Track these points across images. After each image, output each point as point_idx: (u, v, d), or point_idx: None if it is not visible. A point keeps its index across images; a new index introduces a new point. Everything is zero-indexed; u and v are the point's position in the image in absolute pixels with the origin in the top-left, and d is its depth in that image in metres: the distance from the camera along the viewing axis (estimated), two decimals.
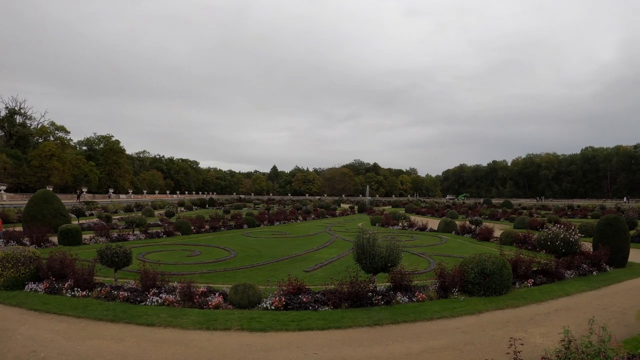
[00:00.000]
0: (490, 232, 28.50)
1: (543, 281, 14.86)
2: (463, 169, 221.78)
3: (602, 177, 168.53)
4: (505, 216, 50.73)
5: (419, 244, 25.85)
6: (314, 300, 11.55)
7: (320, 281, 14.15)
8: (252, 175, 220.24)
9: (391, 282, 12.93)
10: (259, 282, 13.46)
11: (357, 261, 13.20)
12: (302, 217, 47.39)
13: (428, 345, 8.89)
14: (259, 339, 9.02)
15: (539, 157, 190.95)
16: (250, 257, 20.34)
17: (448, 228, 33.54)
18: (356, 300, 11.59)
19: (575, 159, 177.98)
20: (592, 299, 13.09)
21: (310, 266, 17.97)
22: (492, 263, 13.03)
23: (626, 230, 19.00)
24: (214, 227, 32.80)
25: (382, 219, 41.90)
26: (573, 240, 17.21)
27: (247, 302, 11.30)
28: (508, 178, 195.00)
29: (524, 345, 7.69)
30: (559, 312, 11.52)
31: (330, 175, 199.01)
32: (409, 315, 10.88)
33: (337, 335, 9.42)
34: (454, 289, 12.95)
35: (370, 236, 13.19)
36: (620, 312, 11.46)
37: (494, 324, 10.48)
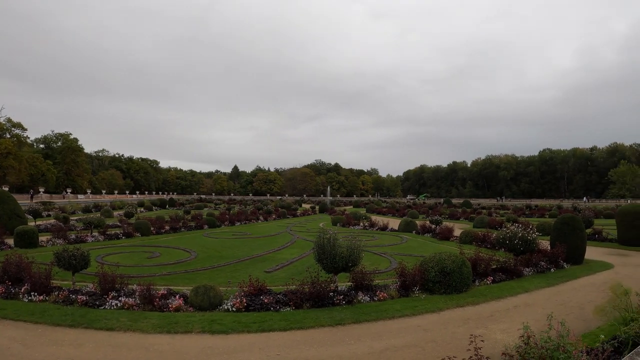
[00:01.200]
0: (450, 231, 28.97)
1: (502, 279, 15.17)
2: (424, 170, 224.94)
3: (559, 178, 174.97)
4: (465, 216, 51.68)
5: (380, 244, 26.01)
6: (275, 301, 11.45)
7: (281, 282, 14.10)
8: (213, 175, 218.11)
9: (352, 282, 12.95)
10: (220, 284, 13.21)
11: (318, 261, 13.19)
12: (264, 218, 47.12)
13: (390, 344, 8.92)
14: (220, 342, 8.86)
15: (498, 158, 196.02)
16: (211, 258, 20.07)
17: (409, 228, 33.85)
18: (318, 301, 11.56)
19: (533, 161, 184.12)
20: (550, 295, 13.44)
21: (272, 267, 17.84)
22: (452, 262, 13.23)
23: (582, 228, 19.63)
24: (174, 228, 32.20)
25: (343, 219, 42.05)
26: (531, 238, 17.74)
27: (208, 304, 11.11)
28: (468, 179, 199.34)
29: (485, 342, 7.80)
30: (519, 309, 11.77)
31: (291, 175, 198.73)
32: (371, 314, 10.92)
33: (299, 335, 9.36)
34: (415, 288, 13.06)
35: (331, 236, 13.22)
36: (578, 308, 11.81)
37: (455, 321, 10.61)
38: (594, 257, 20.42)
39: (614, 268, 18.24)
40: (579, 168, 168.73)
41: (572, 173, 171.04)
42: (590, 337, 8.28)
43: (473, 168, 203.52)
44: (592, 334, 8.55)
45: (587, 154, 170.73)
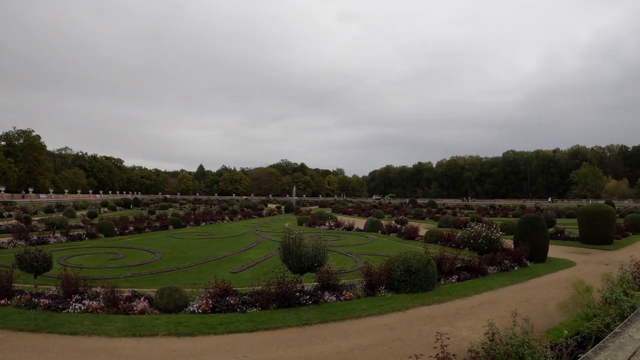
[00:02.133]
0: (416, 231, 29.30)
1: (467, 277, 15.43)
2: (389, 170, 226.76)
3: (522, 179, 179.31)
4: (430, 215, 52.36)
5: (345, 244, 26.13)
6: (241, 302, 11.37)
7: (247, 282, 13.97)
8: (179, 174, 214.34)
9: (318, 282, 12.97)
10: (186, 285, 13.02)
11: (283, 261, 13.18)
12: (229, 218, 46.98)
13: (357, 343, 8.95)
14: (187, 344, 8.75)
15: (462, 159, 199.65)
16: (176, 259, 19.84)
17: (374, 227, 34.11)
18: (284, 301, 11.53)
19: (497, 162, 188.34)
20: (514, 293, 13.72)
21: (237, 267, 17.71)
22: (417, 261, 13.38)
23: (545, 228, 20.17)
24: (138, 229, 31.74)
25: (308, 219, 42.20)
26: (495, 237, 18.10)
27: (173, 306, 10.94)
28: (433, 179, 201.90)
29: (451, 339, 7.85)
30: (483, 306, 11.97)
31: (257, 175, 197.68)
32: (338, 314, 10.95)
33: (266, 336, 9.30)
34: (381, 287, 13.15)
35: (296, 236, 13.26)
36: (542, 304, 12.08)
37: (421, 319, 10.72)
38: (557, 255, 20.96)
39: (576, 266, 18.77)
40: (542, 169, 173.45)
41: (535, 174, 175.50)
42: (554, 332, 8.43)
43: (438, 169, 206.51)
44: (556, 330, 8.71)
45: (549, 156, 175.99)
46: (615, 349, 5.74)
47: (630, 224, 33.20)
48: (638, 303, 8.14)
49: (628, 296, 8.64)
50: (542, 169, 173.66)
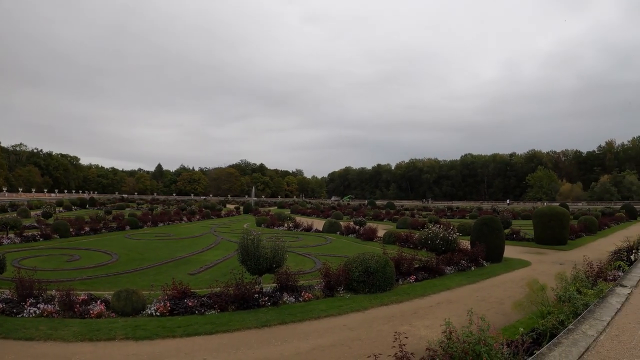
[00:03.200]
0: (374, 232, 29.54)
1: (425, 277, 15.65)
2: (349, 172, 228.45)
3: (480, 181, 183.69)
4: (388, 217, 52.98)
5: (304, 245, 26.14)
6: (200, 304, 11.22)
7: (205, 284, 13.83)
8: (136, 173, 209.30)
9: (277, 283, 12.92)
10: (143, 287, 12.72)
11: (242, 263, 13.13)
12: (187, 218, 46.58)
13: (317, 344, 8.96)
14: (145, 348, 8.56)
15: (421, 162, 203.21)
16: (133, 260, 19.44)
17: (333, 229, 34.21)
18: (243, 303, 11.43)
19: (455, 165, 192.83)
20: (471, 292, 14.01)
21: (196, 269, 17.48)
22: (375, 262, 13.51)
23: (501, 229, 20.65)
24: (94, 229, 30.90)
25: (267, 220, 42.14)
26: (452, 238, 18.55)
27: (131, 309, 10.70)
28: (392, 181, 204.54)
29: (410, 338, 7.91)
30: (441, 305, 12.16)
31: (216, 175, 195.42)
32: (297, 315, 10.93)
33: (225, 339, 9.20)
34: (340, 288, 13.19)
35: (254, 237, 13.20)
36: (498, 303, 12.37)
37: (379, 319, 10.80)
38: (513, 255, 21.53)
39: (531, 265, 19.33)
40: (499, 172, 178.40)
41: (492, 177, 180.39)
42: (511, 330, 8.64)
43: (397, 171, 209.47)
44: (512, 327, 8.94)
45: (506, 160, 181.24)
46: (569, 344, 5.92)
47: (584, 225, 34.49)
48: (591, 301, 8.41)
49: (581, 294, 8.95)
50: (499, 172, 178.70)
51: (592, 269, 11.96)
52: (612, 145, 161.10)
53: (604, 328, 6.79)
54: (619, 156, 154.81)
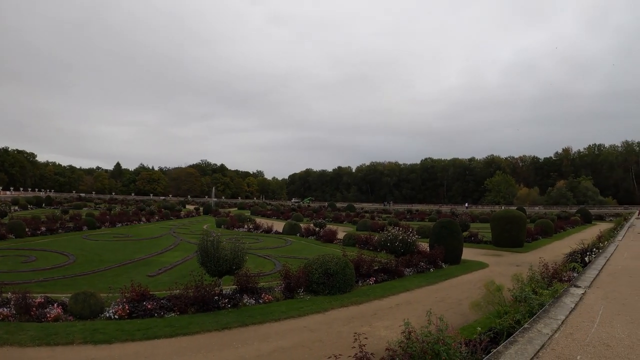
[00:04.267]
0: (334, 234, 29.81)
1: (384, 279, 15.91)
2: (309, 174, 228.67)
3: (439, 185, 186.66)
4: (348, 219, 53.50)
5: (264, 246, 26.14)
6: (159, 307, 11.07)
7: (165, 286, 13.69)
8: (94, 172, 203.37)
9: (237, 285, 12.87)
10: (101, 290, 12.46)
11: (201, 264, 13.07)
12: (146, 219, 46.10)
13: (278, 345, 8.98)
14: (104, 352, 8.39)
15: (382, 165, 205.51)
16: (90, 262, 18.99)
17: (293, 230, 34.32)
18: (203, 305, 11.37)
19: (415, 168, 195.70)
20: (430, 293, 14.29)
21: (155, 271, 17.25)
22: (335, 263, 13.65)
23: (459, 231, 21.12)
24: (51, 229, 30.15)
25: (227, 221, 42.06)
26: (411, 241, 18.88)
27: (89, 312, 10.47)
28: (352, 183, 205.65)
29: (370, 339, 8.01)
30: (401, 306, 12.35)
31: (176, 175, 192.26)
32: (257, 317, 10.93)
33: (185, 342, 9.11)
34: (300, 289, 13.26)
35: (214, 239, 13.15)
36: (456, 303, 12.65)
37: (340, 320, 10.90)
38: (471, 257, 22.05)
39: (488, 267, 19.85)
40: (458, 176, 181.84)
41: (451, 181, 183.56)
42: (469, 330, 8.85)
43: (358, 173, 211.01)
44: (470, 327, 9.16)
45: (465, 164, 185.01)
46: (524, 343, 6.09)
47: (540, 228, 35.64)
48: (546, 301, 8.66)
49: (537, 294, 9.20)
50: (458, 176, 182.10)
51: (547, 270, 12.30)
52: (568, 152, 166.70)
53: (558, 326, 7.00)
54: (575, 163, 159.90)
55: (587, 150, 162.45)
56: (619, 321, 7.51)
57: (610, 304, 8.72)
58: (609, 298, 9.29)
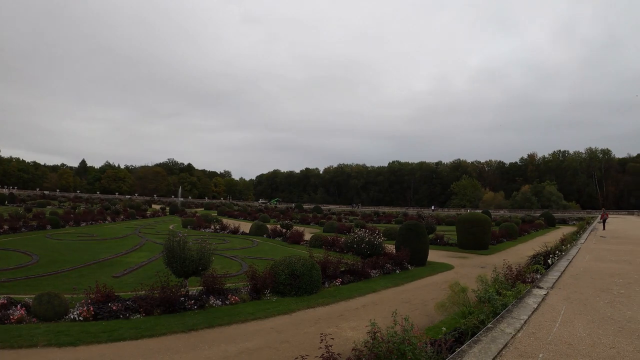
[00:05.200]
0: (301, 235, 29.93)
1: (351, 280, 16.05)
2: (277, 175, 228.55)
3: (406, 188, 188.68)
4: (315, 221, 53.62)
5: (231, 247, 26.05)
6: (124, 308, 10.94)
7: (130, 287, 13.44)
8: (59, 169, 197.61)
9: (204, 286, 12.79)
10: (65, 291, 12.26)
11: (167, 265, 12.99)
12: (111, 218, 45.53)
13: (245, 347, 8.97)
14: (69, 354, 8.24)
15: (349, 167, 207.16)
16: (54, 262, 18.56)
17: (260, 231, 34.32)
18: (169, 306, 11.28)
19: (383, 171, 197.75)
20: (396, 294, 14.46)
21: (120, 271, 16.99)
22: (301, 265, 13.71)
23: (425, 234, 21.40)
24: (13, 228, 29.46)
25: (194, 222, 41.85)
26: (377, 242, 19.12)
27: (53, 313, 10.26)
28: (320, 185, 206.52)
29: (336, 339, 8.10)
30: (367, 307, 12.46)
31: (142, 173, 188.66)
32: (224, 318, 10.90)
33: (151, 344, 9.02)
34: (266, 291, 13.28)
35: (180, 239, 13.12)
36: (422, 305, 12.83)
37: (306, 321, 10.95)
38: (437, 259, 22.39)
39: (454, 269, 20.14)
40: (425, 180, 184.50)
41: (418, 184, 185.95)
42: (434, 330, 8.99)
43: (325, 175, 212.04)
44: (436, 327, 9.30)
45: (432, 168, 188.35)
46: (487, 342, 6.22)
47: (505, 231, 36.33)
48: (509, 301, 8.85)
49: (501, 295, 9.41)
50: (425, 179, 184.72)
51: (511, 272, 12.55)
52: (533, 158, 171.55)
53: (521, 326, 7.16)
54: (540, 168, 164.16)
55: (552, 156, 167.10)
56: (581, 321, 7.72)
57: (572, 305, 8.94)
58: (570, 299, 9.53)
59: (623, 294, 10.17)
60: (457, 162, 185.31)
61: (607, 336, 6.81)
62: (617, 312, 8.37)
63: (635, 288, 10.96)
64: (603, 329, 7.20)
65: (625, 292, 10.39)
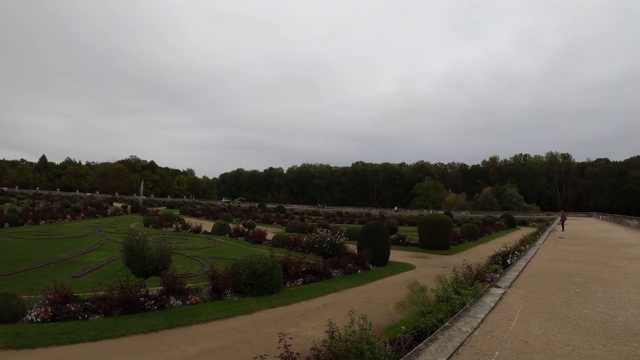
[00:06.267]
0: (263, 235, 29.93)
1: (312, 280, 16.14)
2: (240, 174, 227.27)
3: (369, 188, 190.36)
4: (278, 220, 53.71)
5: (192, 247, 25.86)
6: (83, 309, 10.74)
7: (89, 287, 13.16)
8: (18, 164, 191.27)
9: (164, 286, 12.69)
10: (22, 291, 11.91)
11: (127, 264, 12.85)
12: (71, 216, 44.69)
13: (205, 347, 8.94)
14: (26, 357, 8.06)
15: (313, 167, 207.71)
16: (11, 261, 18.06)
17: (222, 231, 34.18)
18: (128, 307, 11.14)
19: (346, 172, 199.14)
20: (358, 294, 14.60)
21: (79, 271, 16.62)
22: (262, 264, 13.71)
23: (386, 234, 21.67)
24: None
25: (155, 220, 41.45)
26: (339, 242, 19.26)
27: (9, 314, 9.98)
28: (283, 185, 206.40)
29: (297, 339, 8.19)
30: (328, 307, 12.55)
31: (104, 170, 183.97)
32: (184, 318, 10.83)
33: (111, 345, 8.89)
34: (227, 291, 13.20)
35: (140, 238, 12.98)
36: (383, 304, 12.98)
37: (267, 321, 10.96)
38: (399, 259, 22.66)
39: (415, 268, 20.44)
40: (388, 181, 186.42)
41: (381, 185, 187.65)
42: (395, 329, 9.12)
43: (289, 175, 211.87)
44: (396, 326, 9.44)
45: (396, 169, 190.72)
46: (444, 340, 6.34)
47: (466, 232, 37.09)
48: (467, 300, 9.02)
49: (460, 294, 9.58)
50: (388, 180, 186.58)
51: (471, 271, 12.79)
52: (495, 161, 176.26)
53: (478, 324, 7.31)
54: (502, 171, 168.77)
55: (514, 159, 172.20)
56: (537, 319, 7.91)
57: (529, 303, 9.16)
58: (527, 297, 9.75)
59: (579, 293, 10.46)
60: (421, 163, 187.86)
61: (562, 334, 6.99)
62: (573, 311, 8.60)
63: (592, 287, 11.28)
64: (559, 327, 7.39)
65: (581, 291, 10.69)
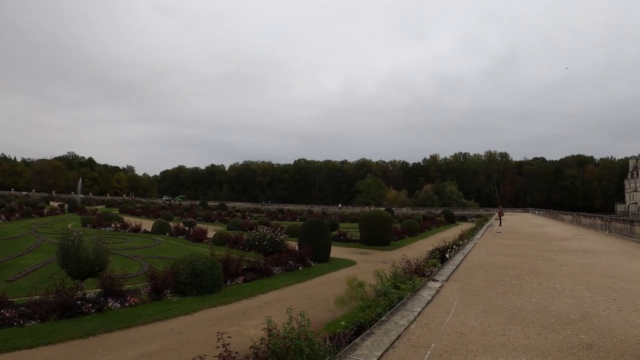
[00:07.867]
0: (204, 233, 29.72)
1: (253, 278, 16.15)
2: (182, 171, 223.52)
3: (311, 185, 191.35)
4: (219, 218, 53.36)
5: (131, 247, 25.34)
6: (19, 315, 10.38)
7: (25, 292, 12.70)
8: None
9: (101, 288, 12.43)
10: None
11: (62, 266, 12.46)
12: (5, 217, 43.48)
13: (145, 350, 8.84)
14: None
15: (255, 164, 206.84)
16: None
17: (162, 229, 33.68)
18: (65, 311, 10.84)
19: (288, 169, 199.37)
20: (299, 291, 14.75)
21: (13, 275, 15.95)
22: (202, 263, 13.65)
23: (327, 231, 21.94)
24: None
25: (94, 220, 40.70)
26: (279, 240, 19.35)
27: None
28: (225, 182, 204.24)
29: (238, 338, 8.20)
30: (269, 305, 12.60)
31: (40, 168, 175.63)
32: (123, 321, 10.66)
33: (47, 352, 8.64)
34: (167, 291, 13.05)
35: (75, 238, 12.61)
36: (324, 300, 13.13)
37: (208, 321, 10.92)
38: (340, 255, 22.98)
39: (356, 264, 20.80)
40: (330, 178, 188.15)
41: (323, 182, 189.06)
42: (335, 324, 9.18)
43: (231, 172, 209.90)
44: (337, 322, 9.52)
45: (338, 166, 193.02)
46: (381, 334, 6.49)
47: (406, 228, 38.13)
48: (405, 295, 9.24)
49: (399, 289, 9.79)
50: (330, 177, 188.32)
51: (410, 266, 13.09)
52: (435, 159, 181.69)
53: (414, 318, 7.51)
54: (442, 168, 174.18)
55: (453, 157, 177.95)
56: (473, 311, 8.19)
57: (465, 296, 9.46)
58: (464, 290, 10.07)
59: (515, 285, 10.90)
60: (363, 161, 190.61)
61: (498, 324, 7.27)
62: (508, 302, 8.96)
63: (526, 279, 11.76)
64: (494, 318, 7.68)
65: (516, 283, 11.14)
